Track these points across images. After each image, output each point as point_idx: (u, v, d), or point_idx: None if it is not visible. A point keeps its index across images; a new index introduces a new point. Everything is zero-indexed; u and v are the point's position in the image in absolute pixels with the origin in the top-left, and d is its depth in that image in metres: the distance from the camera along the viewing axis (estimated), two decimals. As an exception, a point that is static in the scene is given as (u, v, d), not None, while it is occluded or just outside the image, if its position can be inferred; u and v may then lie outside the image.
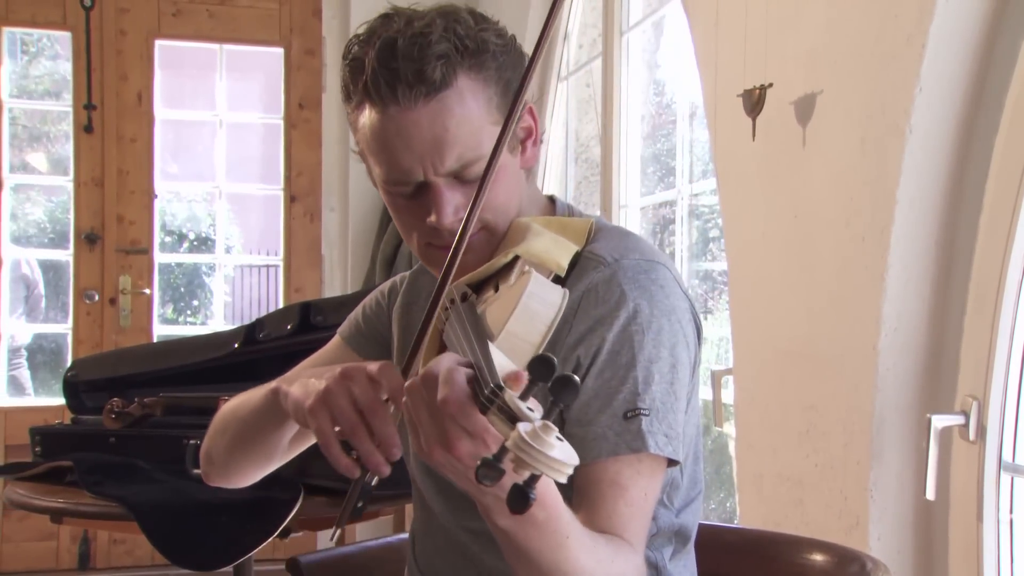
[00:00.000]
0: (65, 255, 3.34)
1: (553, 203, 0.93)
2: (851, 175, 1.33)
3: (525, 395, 0.56)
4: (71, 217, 3.32)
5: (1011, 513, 1.15)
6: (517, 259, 0.79)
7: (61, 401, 1.87)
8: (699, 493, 0.92)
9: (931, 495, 1.18)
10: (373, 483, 0.72)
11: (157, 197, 3.37)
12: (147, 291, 3.33)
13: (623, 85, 2.37)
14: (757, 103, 1.49)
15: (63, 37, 3.34)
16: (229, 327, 2.77)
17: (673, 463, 0.81)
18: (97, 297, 3.28)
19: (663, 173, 2.36)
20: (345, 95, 0.84)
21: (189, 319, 3.58)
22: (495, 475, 0.53)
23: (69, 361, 3.17)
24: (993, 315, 1.15)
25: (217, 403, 1.55)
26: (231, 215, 3.62)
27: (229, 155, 3.48)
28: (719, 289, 2.10)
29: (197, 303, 3.61)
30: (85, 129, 3.27)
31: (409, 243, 0.88)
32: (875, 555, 1.08)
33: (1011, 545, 1.15)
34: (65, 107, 3.34)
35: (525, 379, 0.58)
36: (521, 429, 0.52)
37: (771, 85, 1.48)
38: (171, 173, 3.50)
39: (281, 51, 3.44)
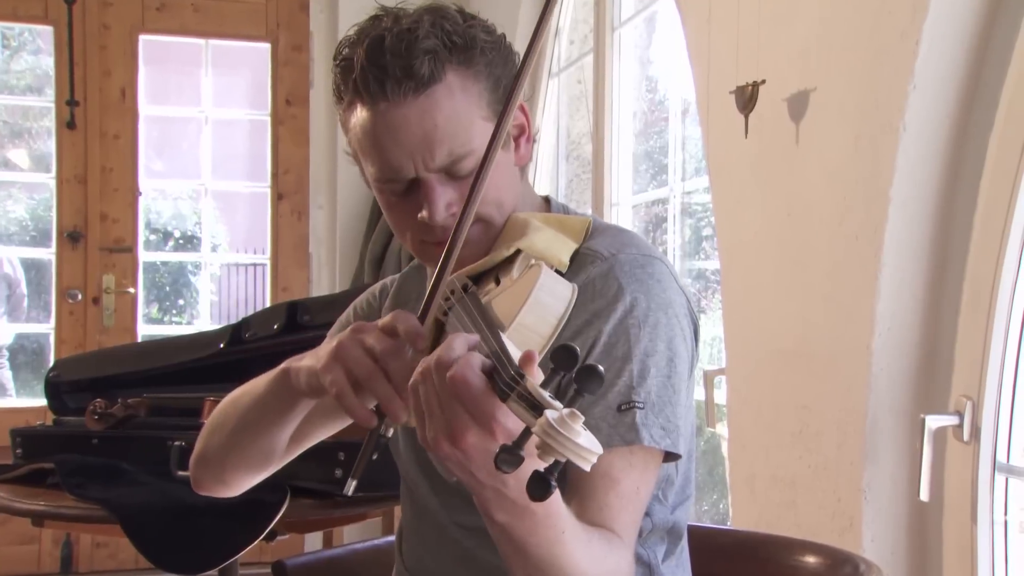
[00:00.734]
0: (47, 254, 3.31)
1: (548, 203, 0.94)
2: (845, 173, 1.32)
3: (545, 384, 0.57)
4: (53, 215, 3.28)
5: (1005, 514, 1.15)
6: (519, 253, 0.79)
7: (43, 402, 1.86)
8: (691, 494, 0.92)
9: (925, 496, 1.18)
10: (389, 434, 0.71)
11: (141, 195, 3.34)
12: (131, 290, 3.30)
13: (615, 81, 2.36)
14: (750, 100, 1.49)
15: (45, 31, 3.30)
16: (215, 327, 2.75)
17: (672, 457, 0.81)
18: (80, 296, 3.25)
19: (655, 171, 2.35)
20: (336, 96, 0.85)
21: (174, 319, 3.55)
22: (515, 461, 0.54)
23: (51, 361, 3.14)
24: (988, 314, 1.15)
25: (203, 404, 1.55)
26: (217, 213, 3.59)
27: (215, 152, 3.45)
28: (712, 288, 2.09)
29: (182, 302, 3.57)
30: (68, 125, 3.24)
31: (404, 242, 0.88)
32: (869, 557, 1.08)
33: (1005, 547, 1.15)
34: (47, 103, 3.31)
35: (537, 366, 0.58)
36: (549, 416, 0.53)
37: (764, 82, 1.48)
38: (156, 170, 3.47)
39: (268, 46, 3.41)
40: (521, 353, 0.60)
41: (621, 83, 2.37)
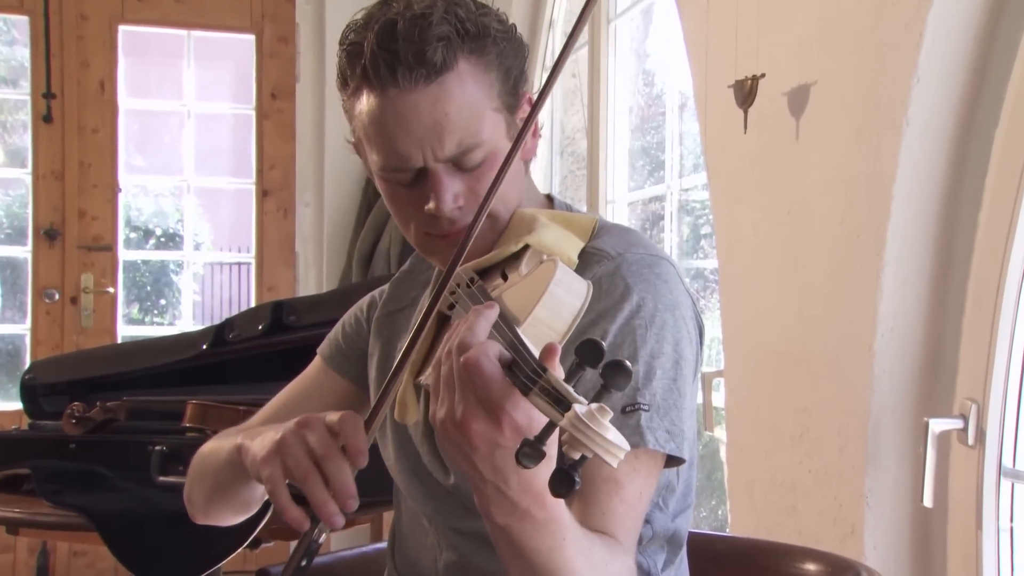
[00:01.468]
0: (23, 252, 3.25)
1: (551, 201, 0.94)
2: (846, 169, 1.31)
3: (568, 379, 0.56)
4: (29, 212, 3.23)
5: (1011, 521, 1.15)
6: (527, 248, 0.79)
7: (18, 406, 1.85)
8: (692, 502, 0.92)
9: (929, 502, 1.17)
10: (321, 540, 0.71)
11: (121, 191, 3.29)
12: (111, 290, 3.25)
13: (610, 75, 2.35)
14: (749, 94, 1.48)
15: (20, 21, 3.24)
16: (198, 328, 2.74)
17: (676, 461, 0.80)
18: (57, 296, 3.20)
19: (652, 167, 2.33)
20: (341, 82, 0.84)
21: (156, 319, 3.50)
22: (538, 456, 0.54)
23: (27, 363, 3.08)
24: (993, 315, 1.15)
25: (185, 407, 1.53)
26: (200, 210, 3.55)
27: (198, 147, 3.41)
28: (711, 288, 2.07)
29: (164, 302, 3.53)
30: (44, 119, 3.18)
31: (407, 234, 0.87)
32: (871, 564, 1.10)
33: (1011, 554, 1.15)
34: (23, 95, 3.25)
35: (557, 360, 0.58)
36: (578, 410, 0.53)
37: (763, 75, 1.47)
38: (136, 166, 3.42)
39: (252, 38, 3.37)
40: (538, 347, 0.60)
41: (617, 77, 2.35)
